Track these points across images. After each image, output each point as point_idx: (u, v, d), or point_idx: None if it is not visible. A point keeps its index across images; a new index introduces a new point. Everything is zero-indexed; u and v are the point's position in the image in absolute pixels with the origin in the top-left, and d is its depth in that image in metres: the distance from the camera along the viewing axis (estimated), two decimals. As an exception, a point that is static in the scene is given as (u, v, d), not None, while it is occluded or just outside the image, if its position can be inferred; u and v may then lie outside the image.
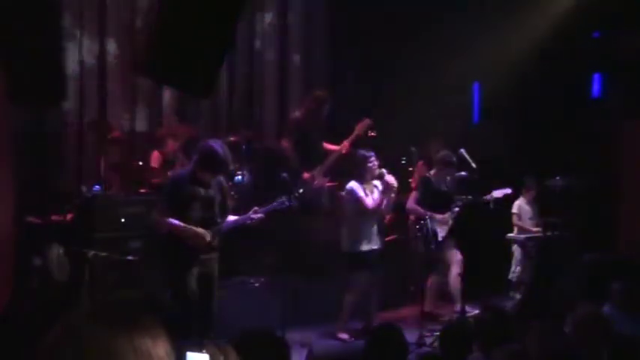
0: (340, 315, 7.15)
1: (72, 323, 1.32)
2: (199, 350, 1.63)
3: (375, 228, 7.16)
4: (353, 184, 7.09)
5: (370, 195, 7.10)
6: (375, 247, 7.17)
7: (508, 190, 7.81)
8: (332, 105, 8.30)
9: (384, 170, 7.08)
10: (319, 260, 7.70)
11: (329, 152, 8.09)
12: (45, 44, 4.34)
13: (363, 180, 7.10)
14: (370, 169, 7.08)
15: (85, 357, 1.25)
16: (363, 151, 7.31)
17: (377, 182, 7.15)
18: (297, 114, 8.40)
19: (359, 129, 8.16)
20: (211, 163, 5.70)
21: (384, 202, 7.10)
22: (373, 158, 7.13)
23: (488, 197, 7.52)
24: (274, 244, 8.18)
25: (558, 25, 8.97)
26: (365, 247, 7.07)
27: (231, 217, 6.01)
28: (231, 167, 6.25)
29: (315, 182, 7.93)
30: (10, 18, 4.27)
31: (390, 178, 7.08)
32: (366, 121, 8.19)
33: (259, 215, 5.98)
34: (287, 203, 6.06)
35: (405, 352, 4.45)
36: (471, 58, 9.57)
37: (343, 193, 7.21)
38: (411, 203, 7.96)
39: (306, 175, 7.98)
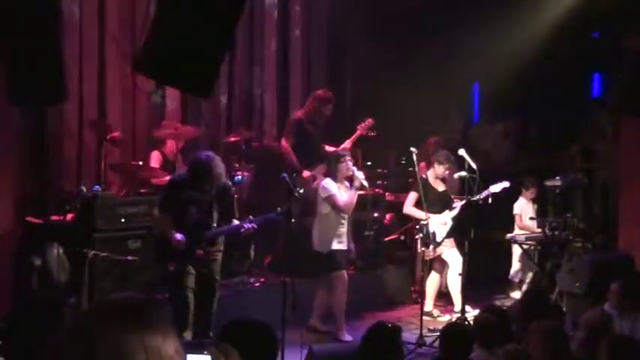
0: (336, 317, 7.13)
1: (83, 322, 1.32)
2: (201, 352, 1.62)
3: (345, 228, 7.14)
4: (327, 181, 7.08)
5: (344, 194, 7.07)
6: (345, 248, 7.16)
7: (506, 184, 7.67)
8: (335, 105, 8.28)
9: (354, 168, 7.04)
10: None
11: (328, 154, 8.08)
12: (45, 44, 4.34)
13: (334, 179, 7.08)
14: (342, 169, 7.07)
15: (96, 356, 1.25)
16: (338, 150, 7.28)
17: (348, 183, 7.13)
18: (298, 113, 8.37)
19: (361, 129, 8.15)
20: (198, 176, 5.72)
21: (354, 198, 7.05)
22: (347, 158, 7.11)
23: (485, 193, 7.45)
24: (274, 244, 8.19)
25: (558, 25, 8.96)
26: (336, 246, 7.06)
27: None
28: (223, 180, 6.08)
29: (316, 182, 7.93)
30: (10, 18, 4.27)
31: (358, 172, 7.03)
32: (369, 121, 8.18)
33: (252, 225, 5.95)
34: (280, 216, 6.03)
35: (402, 352, 4.44)
36: (471, 58, 9.56)
37: (319, 190, 7.19)
38: (408, 205, 7.94)
39: (306, 174, 7.97)
